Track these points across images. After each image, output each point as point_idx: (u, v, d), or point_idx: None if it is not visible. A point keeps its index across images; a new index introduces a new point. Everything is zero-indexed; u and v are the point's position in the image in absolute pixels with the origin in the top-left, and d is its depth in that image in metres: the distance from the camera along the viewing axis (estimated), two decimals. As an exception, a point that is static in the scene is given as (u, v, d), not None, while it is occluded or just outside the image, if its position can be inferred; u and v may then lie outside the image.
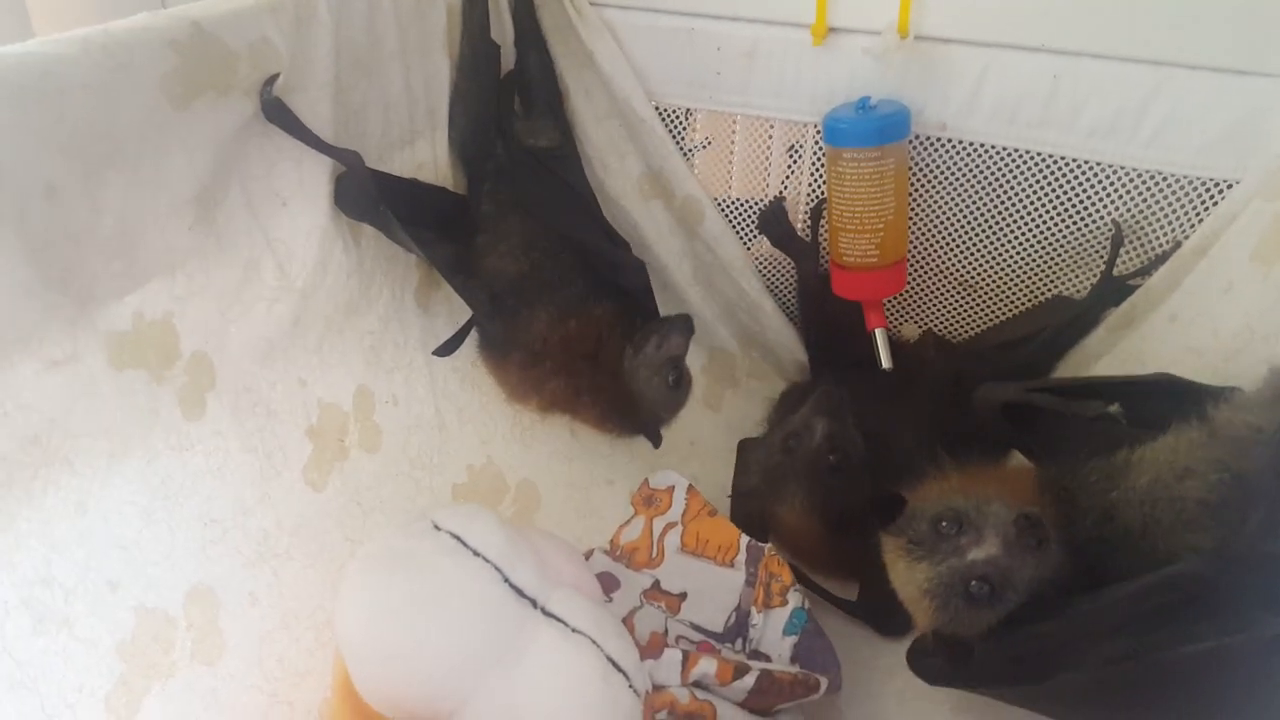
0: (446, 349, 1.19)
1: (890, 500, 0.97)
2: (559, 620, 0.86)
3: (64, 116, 0.77)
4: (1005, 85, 1.18)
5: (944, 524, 0.90)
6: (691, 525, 1.23)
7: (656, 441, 1.31)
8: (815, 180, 1.38)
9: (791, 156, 1.38)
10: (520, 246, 1.23)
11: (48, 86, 0.76)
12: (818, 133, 1.33)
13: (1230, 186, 1.11)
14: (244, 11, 0.91)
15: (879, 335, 1.33)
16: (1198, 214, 1.15)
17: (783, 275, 1.49)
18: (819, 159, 1.35)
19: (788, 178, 1.40)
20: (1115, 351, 1.18)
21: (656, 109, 1.37)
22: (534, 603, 0.87)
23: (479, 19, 1.23)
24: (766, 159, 1.40)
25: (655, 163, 1.39)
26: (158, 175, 0.85)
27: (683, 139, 1.40)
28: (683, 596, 1.15)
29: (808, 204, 1.40)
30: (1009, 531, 0.87)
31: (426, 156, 1.22)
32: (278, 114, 0.95)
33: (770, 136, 1.38)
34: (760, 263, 1.47)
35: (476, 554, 0.86)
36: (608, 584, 1.14)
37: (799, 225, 1.42)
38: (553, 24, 1.32)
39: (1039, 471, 0.97)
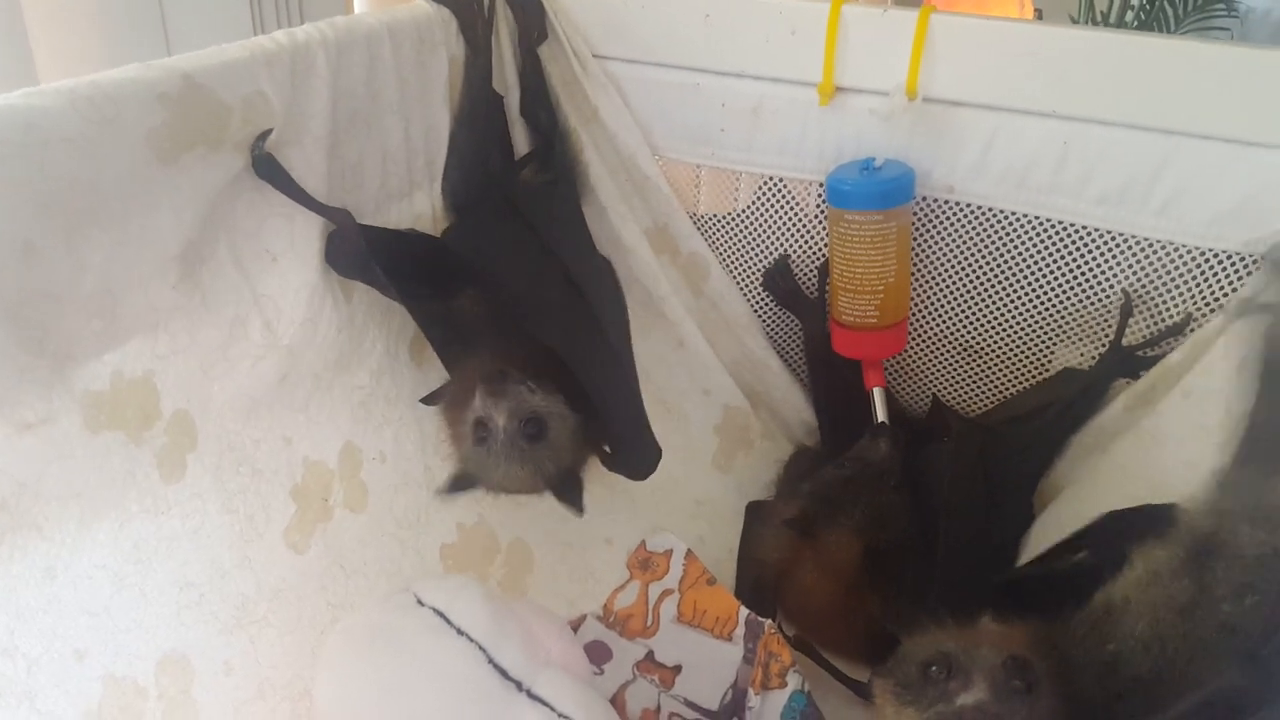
0: (434, 398, 1.17)
1: (886, 639, 0.95)
2: (545, 704, 0.82)
3: (46, 172, 0.75)
4: (1014, 150, 1.16)
5: (933, 668, 0.87)
6: (689, 594, 1.19)
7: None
8: (817, 238, 1.35)
9: (795, 214, 1.36)
10: (479, 292, 1.16)
11: (30, 140, 0.74)
12: (821, 190, 1.31)
13: (1245, 264, 1.09)
14: (238, 63, 0.89)
15: (877, 394, 1.32)
16: (1210, 287, 1.12)
17: (790, 334, 1.46)
18: (822, 217, 1.33)
19: (790, 235, 1.37)
20: (1133, 429, 1.15)
21: (660, 164, 1.35)
22: (519, 685, 0.83)
23: (482, 68, 1.21)
24: (768, 215, 1.38)
25: (660, 219, 1.37)
26: (143, 232, 0.82)
27: (687, 194, 1.38)
28: (677, 670, 1.11)
29: (809, 261, 1.38)
30: (997, 675, 0.84)
31: (425, 208, 1.20)
32: (269, 170, 0.93)
33: (773, 193, 1.36)
34: (767, 320, 1.45)
35: (460, 632, 0.82)
36: (599, 654, 1.11)
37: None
38: (561, 78, 1.30)
39: (1029, 627, 0.93)
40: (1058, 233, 1.20)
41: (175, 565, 0.90)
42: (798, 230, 1.36)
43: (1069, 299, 1.24)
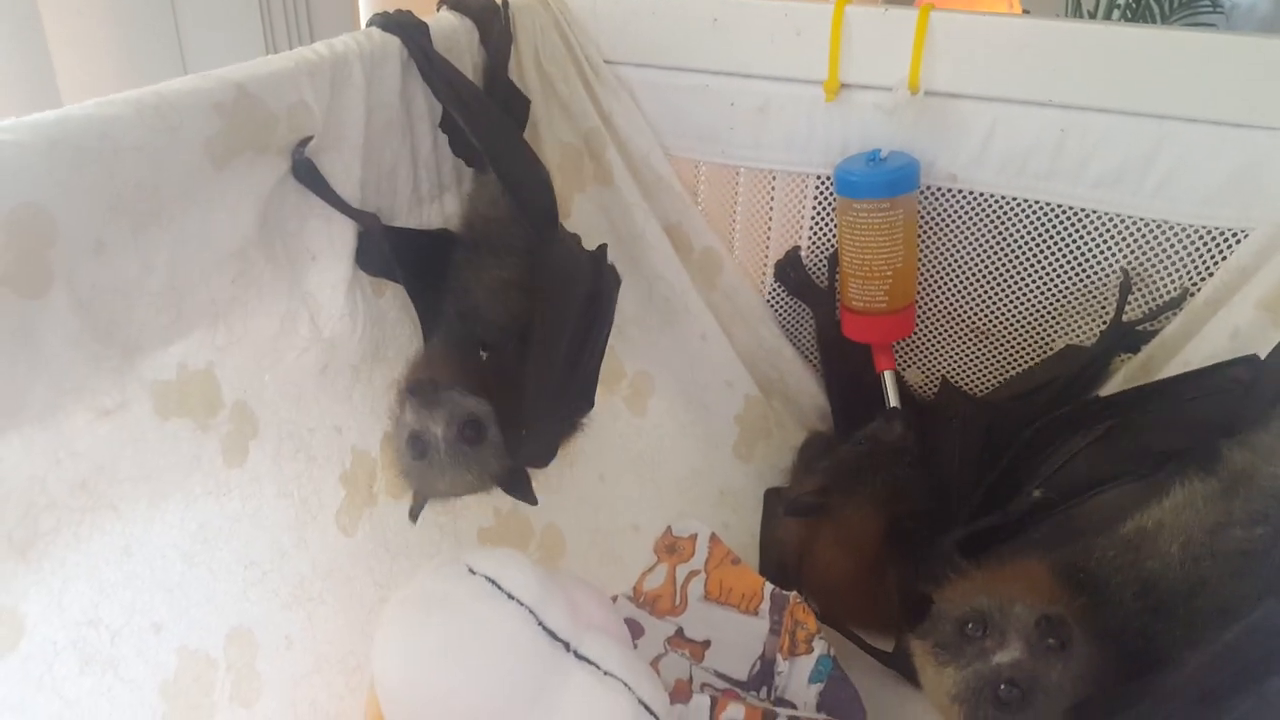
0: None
1: (918, 600, 0.97)
2: (591, 663, 0.88)
3: (115, 175, 0.80)
4: (1014, 138, 1.22)
5: (970, 626, 0.89)
6: (715, 573, 1.24)
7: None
8: (819, 228, 1.42)
9: (796, 205, 1.42)
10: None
11: (104, 147, 0.79)
12: (821, 182, 1.37)
13: (1237, 237, 1.14)
14: (284, 74, 0.95)
15: (888, 377, 1.38)
16: (1204, 263, 1.18)
17: (801, 322, 1.52)
18: (822, 207, 1.40)
19: (794, 227, 1.43)
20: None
21: (673, 163, 1.41)
22: (567, 645, 0.88)
23: (500, 70, 1.26)
24: (769, 209, 1.44)
25: (674, 218, 1.43)
26: (202, 231, 0.88)
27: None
28: (706, 644, 1.16)
29: (810, 250, 1.43)
30: (1031, 634, 0.87)
31: (454, 210, 1.25)
32: (307, 175, 0.98)
33: (774, 187, 1.42)
34: (779, 310, 1.51)
35: (511, 597, 0.87)
36: (632, 630, 1.15)
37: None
38: (572, 84, 1.35)
39: (1052, 563, 0.96)
40: (1057, 216, 1.26)
41: (239, 545, 0.95)
42: (807, 222, 1.42)
43: (1070, 279, 1.29)
